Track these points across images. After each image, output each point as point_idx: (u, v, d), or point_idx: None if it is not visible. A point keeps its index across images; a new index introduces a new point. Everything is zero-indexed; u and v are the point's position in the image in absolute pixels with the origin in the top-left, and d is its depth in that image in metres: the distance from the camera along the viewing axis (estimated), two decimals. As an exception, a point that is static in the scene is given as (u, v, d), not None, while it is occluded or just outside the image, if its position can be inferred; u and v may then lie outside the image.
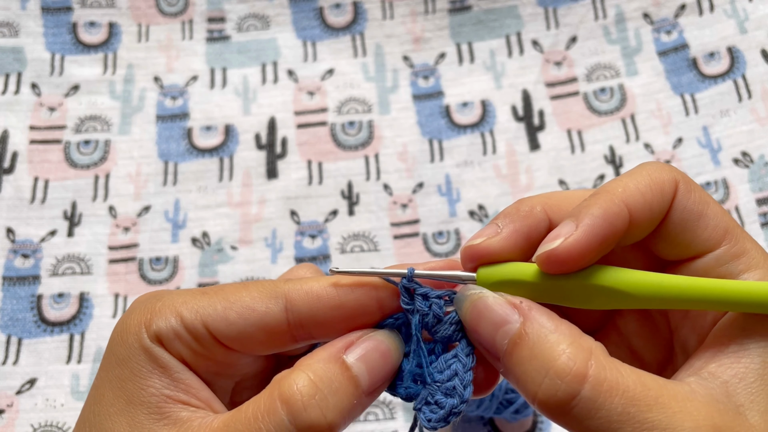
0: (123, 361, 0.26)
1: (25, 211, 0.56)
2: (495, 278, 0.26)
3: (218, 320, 0.26)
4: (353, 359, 0.25)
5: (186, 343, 0.26)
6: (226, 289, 0.27)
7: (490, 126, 0.61)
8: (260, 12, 0.65)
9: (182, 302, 0.26)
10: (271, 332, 0.26)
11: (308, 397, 0.23)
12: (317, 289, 0.26)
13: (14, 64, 0.61)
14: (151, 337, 0.26)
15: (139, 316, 0.26)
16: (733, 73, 0.60)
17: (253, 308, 0.26)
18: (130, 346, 0.26)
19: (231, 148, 0.60)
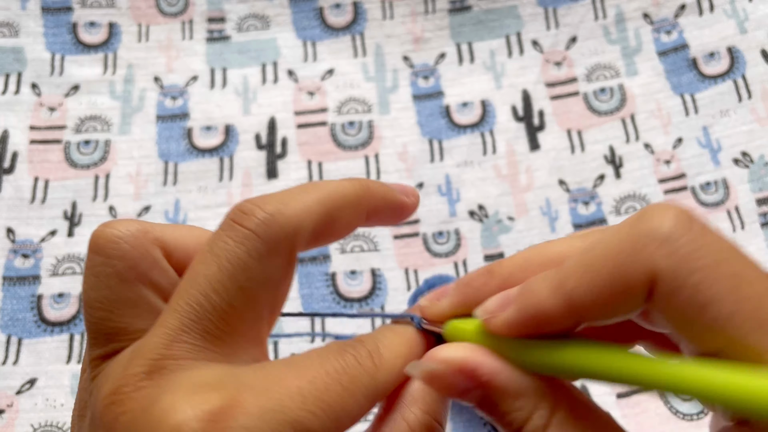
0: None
1: (25, 211, 0.56)
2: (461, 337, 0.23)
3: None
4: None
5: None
6: (328, 400, 0.22)
7: (490, 126, 0.61)
8: (260, 12, 0.65)
9: (299, 424, 0.20)
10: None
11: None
12: (402, 369, 0.23)
13: (14, 64, 0.61)
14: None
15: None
16: (733, 73, 0.60)
17: (358, 414, 0.22)
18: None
19: (231, 148, 0.60)
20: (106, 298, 0.23)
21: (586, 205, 0.57)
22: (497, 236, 0.56)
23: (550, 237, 0.56)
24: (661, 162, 0.58)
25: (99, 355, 0.22)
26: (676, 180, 0.57)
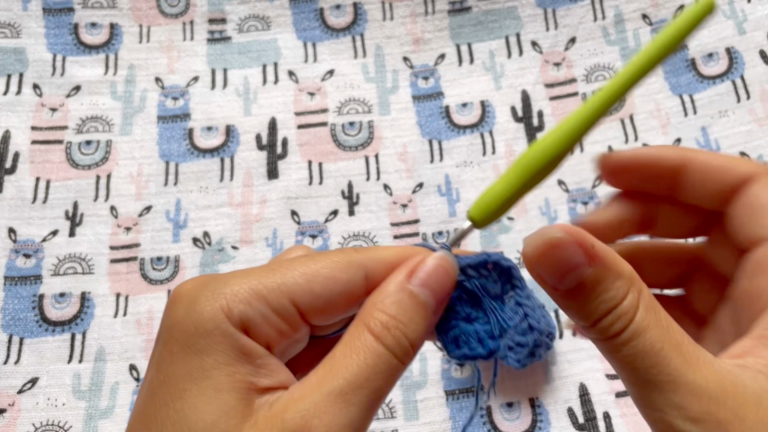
0: (203, 351, 0.25)
1: (27, 211, 0.57)
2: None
3: (305, 294, 0.26)
4: (417, 287, 0.27)
5: (274, 324, 0.26)
6: (296, 262, 0.27)
7: (489, 126, 0.61)
8: (261, 13, 0.65)
9: (259, 282, 0.26)
10: (352, 299, 0.27)
11: (392, 327, 0.26)
12: (390, 257, 0.28)
13: (16, 65, 0.62)
14: (236, 324, 0.25)
15: (211, 302, 0.25)
16: (731, 74, 0.60)
17: (335, 278, 0.26)
18: (211, 334, 0.25)
19: (232, 149, 0.60)
20: None
21: (585, 205, 0.57)
22: (497, 236, 0.56)
23: (549, 237, 0.56)
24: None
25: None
26: (674, 180, 0.57)
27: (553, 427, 0.49)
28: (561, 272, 0.25)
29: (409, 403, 0.50)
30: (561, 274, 0.25)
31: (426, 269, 0.27)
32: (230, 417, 0.24)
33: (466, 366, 0.51)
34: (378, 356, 0.25)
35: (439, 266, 0.28)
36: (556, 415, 0.49)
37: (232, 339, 0.25)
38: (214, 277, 0.27)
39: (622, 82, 0.30)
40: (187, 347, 0.25)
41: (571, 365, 0.51)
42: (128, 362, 0.52)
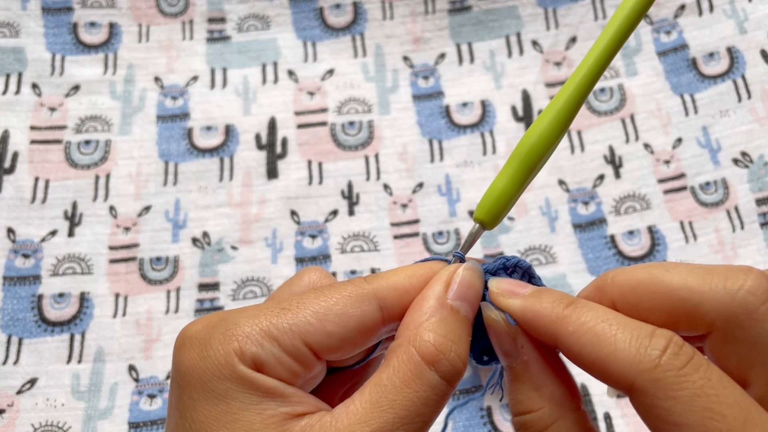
0: (225, 396, 0.25)
1: (26, 211, 0.56)
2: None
3: (318, 335, 0.26)
4: (455, 301, 0.26)
5: (287, 366, 0.25)
6: (306, 300, 0.26)
7: (489, 126, 0.61)
8: (260, 12, 0.65)
9: (270, 323, 0.25)
10: (368, 332, 0.27)
11: (446, 350, 0.25)
12: (402, 282, 0.27)
13: (15, 65, 0.61)
14: (249, 365, 0.25)
15: (224, 345, 0.25)
16: (732, 74, 0.60)
17: (348, 314, 0.26)
18: (228, 378, 0.25)
19: (231, 149, 0.60)
20: None
21: (586, 205, 0.57)
22: (497, 236, 0.56)
23: (550, 237, 0.56)
24: (661, 162, 0.58)
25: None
26: (675, 180, 0.57)
27: (553, 428, 0.49)
28: (498, 350, 0.26)
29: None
30: (498, 352, 0.26)
31: (461, 282, 0.27)
32: None
33: (467, 367, 0.51)
34: (431, 387, 0.25)
35: (472, 276, 0.27)
36: (556, 415, 0.49)
37: (252, 380, 0.25)
38: (224, 318, 0.26)
39: (602, 54, 0.29)
40: (207, 392, 0.25)
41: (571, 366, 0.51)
42: (127, 363, 0.52)
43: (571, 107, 0.29)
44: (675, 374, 0.22)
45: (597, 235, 0.56)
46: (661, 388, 0.22)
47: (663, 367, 0.22)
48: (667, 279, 0.25)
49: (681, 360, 0.22)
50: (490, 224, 0.29)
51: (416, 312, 0.26)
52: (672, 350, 0.22)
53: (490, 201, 0.29)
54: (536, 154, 0.29)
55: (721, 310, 0.23)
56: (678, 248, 0.55)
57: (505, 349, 0.26)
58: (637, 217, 0.56)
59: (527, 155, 0.29)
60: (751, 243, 0.54)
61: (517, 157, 0.29)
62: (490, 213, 0.29)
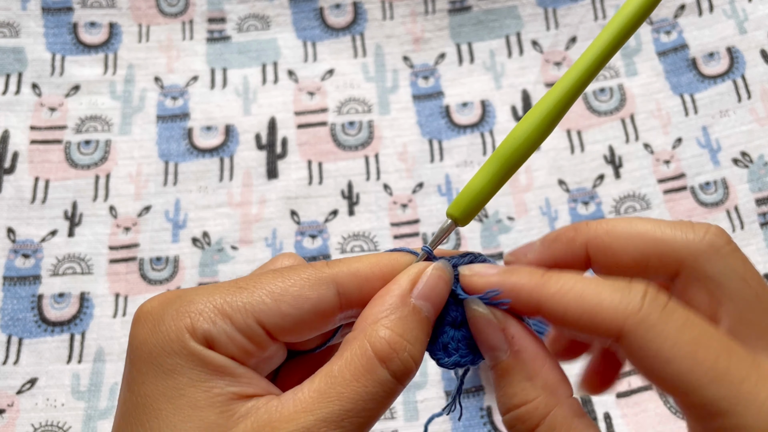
0: (173, 371, 0.25)
1: (26, 211, 0.56)
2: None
3: (272, 315, 0.25)
4: (419, 301, 0.26)
5: (239, 344, 0.25)
6: (264, 279, 0.26)
7: (489, 126, 0.61)
8: (260, 12, 0.65)
9: (224, 301, 0.25)
10: (324, 317, 0.26)
11: (400, 349, 0.25)
12: (364, 270, 0.27)
13: (15, 65, 0.61)
14: (200, 341, 0.25)
15: (176, 321, 0.25)
16: (732, 74, 0.60)
17: (304, 296, 0.26)
18: (178, 353, 0.25)
19: (231, 149, 0.60)
20: None
21: (586, 204, 0.57)
22: (497, 236, 0.56)
23: (549, 237, 0.56)
24: (661, 162, 0.58)
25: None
26: (675, 180, 0.57)
27: (553, 428, 0.49)
28: (484, 347, 0.26)
29: (409, 404, 0.50)
30: (485, 348, 0.26)
31: (428, 281, 0.26)
32: (211, 430, 0.24)
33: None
34: (381, 384, 0.25)
35: (440, 276, 0.27)
36: (556, 415, 0.49)
37: (201, 356, 0.25)
38: (179, 295, 0.26)
39: (591, 59, 0.28)
40: (156, 367, 0.25)
41: (571, 366, 0.51)
42: (127, 363, 0.52)
43: (555, 111, 0.29)
44: (659, 314, 0.23)
45: (597, 235, 0.56)
46: (649, 328, 0.23)
47: (647, 309, 0.23)
48: (640, 225, 0.26)
49: (661, 302, 0.24)
50: (462, 221, 0.29)
51: (377, 306, 0.26)
52: (651, 295, 0.24)
53: (466, 199, 0.29)
54: (516, 155, 0.28)
55: (691, 249, 0.25)
56: (678, 248, 0.55)
57: (493, 342, 0.26)
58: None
59: (508, 156, 0.28)
60: (751, 243, 0.54)
61: (498, 157, 0.29)
62: (465, 211, 0.29)
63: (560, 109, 0.29)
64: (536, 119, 0.29)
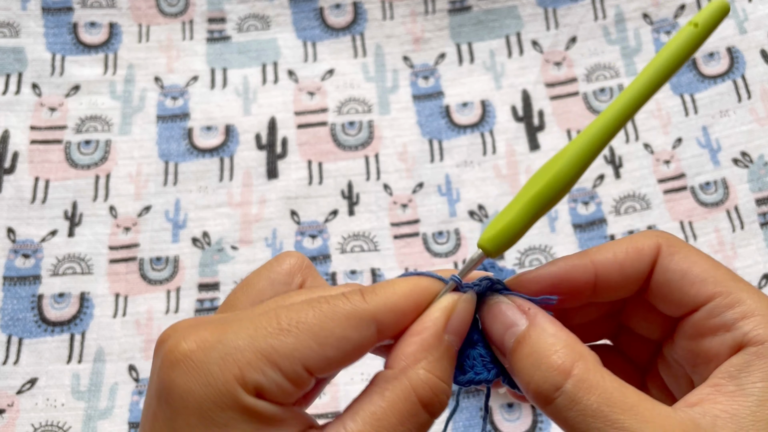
0: (227, 425, 0.25)
1: (26, 211, 0.57)
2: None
3: (318, 359, 0.25)
4: (449, 335, 0.27)
5: (284, 390, 0.25)
6: (305, 319, 0.26)
7: (489, 126, 0.61)
8: (260, 12, 0.65)
9: (270, 347, 0.25)
10: (362, 352, 0.27)
11: (440, 393, 0.26)
12: (401, 304, 0.27)
13: (15, 65, 0.61)
14: (251, 393, 0.25)
15: (224, 372, 0.25)
16: (732, 74, 0.60)
17: (348, 338, 0.26)
18: (231, 408, 0.25)
19: (231, 148, 0.60)
20: None
21: (586, 205, 0.57)
22: (497, 236, 0.56)
23: (549, 237, 0.56)
24: (661, 162, 0.58)
25: None
26: (675, 180, 0.57)
27: (553, 428, 0.49)
28: (502, 329, 0.27)
29: (409, 404, 0.50)
30: (502, 331, 0.27)
31: (457, 316, 0.27)
32: None
33: None
34: (421, 425, 0.26)
35: (468, 311, 0.28)
36: (556, 415, 0.49)
37: (254, 409, 0.25)
38: (220, 339, 0.25)
39: (633, 99, 0.28)
40: (207, 420, 0.25)
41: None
42: (127, 362, 0.52)
43: (594, 147, 0.29)
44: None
45: (597, 235, 0.56)
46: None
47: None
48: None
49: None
50: (494, 254, 0.29)
51: (414, 345, 0.26)
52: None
53: (497, 231, 0.28)
54: (552, 192, 0.28)
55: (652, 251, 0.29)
56: (678, 248, 0.55)
57: (511, 319, 0.27)
58: (637, 217, 0.56)
59: (542, 192, 0.28)
60: (751, 243, 0.54)
61: (532, 190, 0.28)
62: (496, 244, 0.28)
63: (602, 141, 0.29)
64: (574, 153, 0.29)
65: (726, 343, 0.26)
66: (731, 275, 0.28)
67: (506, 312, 0.27)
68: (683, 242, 0.29)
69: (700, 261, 0.28)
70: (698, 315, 0.28)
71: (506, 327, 0.27)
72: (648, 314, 0.31)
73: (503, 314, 0.27)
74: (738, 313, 0.26)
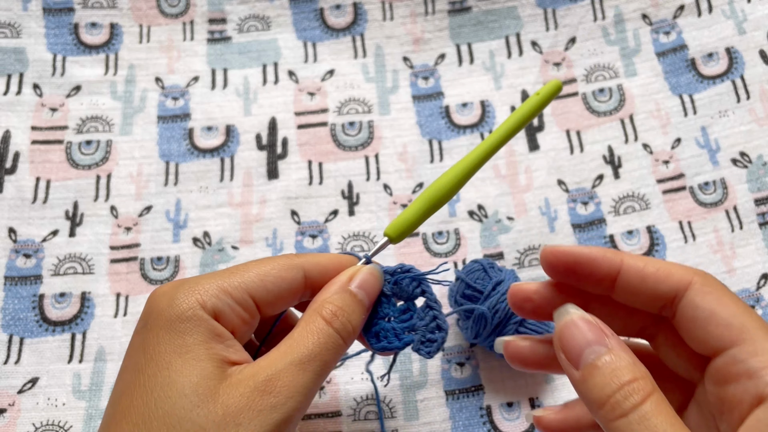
0: (185, 332, 0.33)
1: (27, 211, 0.57)
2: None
3: (260, 290, 0.35)
4: (356, 289, 0.37)
5: (237, 314, 0.34)
6: (250, 265, 0.36)
7: (489, 126, 0.61)
8: (261, 13, 0.65)
9: (224, 281, 0.34)
10: (295, 293, 0.37)
11: (340, 315, 0.35)
12: (324, 262, 0.38)
13: (16, 65, 0.62)
14: (209, 313, 0.33)
15: (188, 297, 0.33)
16: (731, 74, 0.60)
17: (282, 277, 0.36)
18: (190, 319, 0.33)
19: (232, 149, 0.60)
20: None
21: (585, 205, 0.57)
22: (497, 236, 0.56)
23: (549, 237, 0.56)
24: (660, 162, 0.58)
25: None
26: (674, 180, 0.58)
27: (553, 427, 0.49)
28: (583, 344, 0.29)
29: (409, 403, 0.50)
30: (583, 346, 0.29)
31: (362, 276, 0.37)
32: (209, 379, 0.32)
33: (465, 366, 0.51)
34: (328, 336, 0.34)
35: (371, 274, 0.38)
36: (556, 414, 0.50)
37: (208, 323, 0.33)
38: (187, 280, 0.35)
39: (489, 146, 0.43)
40: (170, 331, 0.32)
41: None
42: (128, 362, 0.52)
43: (465, 174, 0.42)
44: None
45: (596, 235, 0.56)
46: None
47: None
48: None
49: None
50: (395, 240, 0.40)
51: (323, 292, 0.36)
52: None
53: (399, 225, 0.40)
54: (438, 200, 0.41)
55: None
56: (677, 248, 0.55)
57: (592, 337, 0.29)
58: (636, 217, 0.56)
59: (431, 199, 0.41)
60: (750, 243, 0.54)
61: (424, 198, 0.40)
62: (397, 233, 0.40)
63: (473, 169, 0.42)
64: (455, 173, 0.41)
65: (749, 392, 0.27)
66: (760, 323, 0.29)
67: (587, 330, 0.29)
68: (719, 284, 0.30)
69: (731, 305, 0.29)
70: (722, 359, 0.28)
71: (588, 343, 0.29)
72: (679, 350, 0.32)
73: (585, 332, 0.29)
74: (762, 362, 0.27)
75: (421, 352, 0.39)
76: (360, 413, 0.49)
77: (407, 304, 0.41)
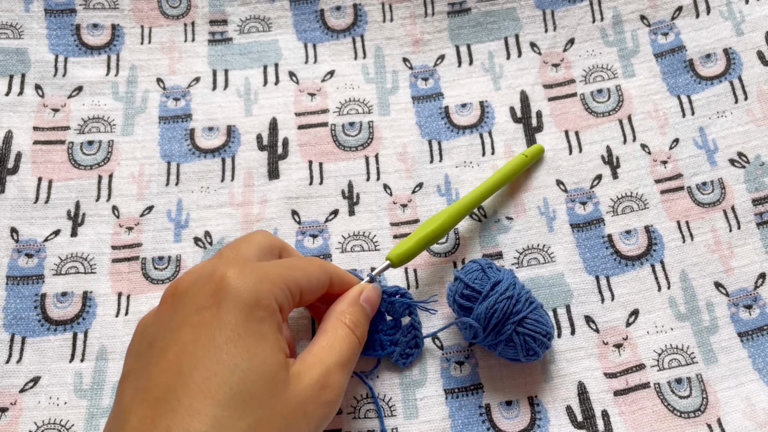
0: (263, 321, 0.37)
1: (29, 211, 0.57)
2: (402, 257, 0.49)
3: (306, 289, 0.41)
4: (364, 303, 0.45)
5: (289, 307, 0.40)
6: (297, 263, 0.42)
7: (488, 127, 0.61)
8: (262, 14, 0.65)
9: (285, 275, 0.40)
10: (322, 291, 0.44)
11: (359, 325, 0.44)
12: (341, 274, 0.46)
13: (18, 66, 0.62)
14: (278, 302, 0.38)
15: (264, 284, 0.37)
16: (729, 75, 0.60)
17: (318, 278, 0.43)
18: (265, 308, 0.37)
19: (233, 149, 0.60)
20: None
21: (584, 205, 0.57)
22: (496, 236, 0.56)
23: (547, 236, 0.56)
24: (658, 162, 0.59)
25: None
26: (672, 180, 0.58)
27: (551, 426, 0.49)
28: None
29: (409, 402, 0.50)
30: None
31: (368, 292, 0.46)
32: (282, 369, 0.36)
33: (465, 364, 0.51)
34: (352, 342, 0.42)
35: (375, 291, 0.47)
36: (554, 413, 0.50)
37: (277, 315, 0.38)
38: (254, 266, 0.39)
39: (478, 195, 0.54)
40: (249, 316, 0.36)
41: (569, 364, 0.51)
42: (130, 361, 0.52)
43: (460, 215, 0.52)
44: None
45: (594, 235, 0.56)
46: None
47: None
48: None
49: None
50: (396, 265, 0.48)
51: (341, 304, 0.44)
52: None
53: (401, 252, 0.48)
54: (437, 235, 0.50)
55: None
56: (675, 248, 0.55)
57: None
58: (634, 216, 0.57)
59: (431, 234, 0.50)
60: (748, 243, 0.55)
61: (425, 231, 0.50)
62: (399, 259, 0.48)
63: (468, 210, 0.53)
64: (452, 215, 0.51)
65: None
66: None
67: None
68: None
69: None
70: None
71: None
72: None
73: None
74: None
75: (398, 363, 0.49)
76: (360, 411, 0.49)
77: (395, 320, 0.50)
